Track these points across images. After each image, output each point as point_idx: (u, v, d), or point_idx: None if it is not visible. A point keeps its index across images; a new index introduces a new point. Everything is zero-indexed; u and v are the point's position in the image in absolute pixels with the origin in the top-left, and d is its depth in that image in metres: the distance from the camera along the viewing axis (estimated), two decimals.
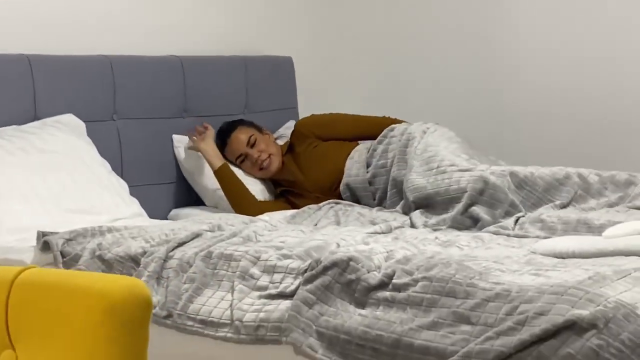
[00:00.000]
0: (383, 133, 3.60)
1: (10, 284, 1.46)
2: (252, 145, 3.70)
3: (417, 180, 3.24)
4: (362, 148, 3.65)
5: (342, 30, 4.69)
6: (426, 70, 4.54)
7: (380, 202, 3.49)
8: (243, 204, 3.55)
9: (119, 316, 1.37)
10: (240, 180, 3.60)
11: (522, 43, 4.28)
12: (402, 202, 3.35)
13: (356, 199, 3.56)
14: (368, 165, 3.55)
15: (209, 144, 3.64)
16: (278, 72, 4.22)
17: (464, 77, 4.44)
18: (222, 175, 3.60)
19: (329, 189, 3.62)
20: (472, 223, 3.04)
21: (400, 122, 3.69)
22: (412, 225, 3.10)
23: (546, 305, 2.04)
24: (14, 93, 3.27)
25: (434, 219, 3.09)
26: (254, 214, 3.31)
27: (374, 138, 3.61)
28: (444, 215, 3.08)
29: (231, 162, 3.72)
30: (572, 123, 4.16)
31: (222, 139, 3.74)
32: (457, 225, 3.04)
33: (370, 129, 3.68)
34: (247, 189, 3.59)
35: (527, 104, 4.28)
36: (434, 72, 4.52)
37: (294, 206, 3.60)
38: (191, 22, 4.01)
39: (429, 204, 3.19)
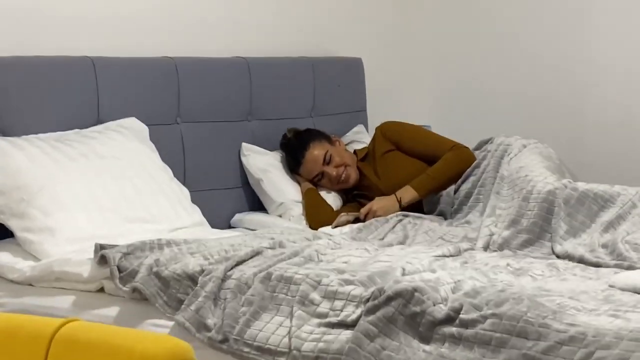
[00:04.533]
0: (478, 144, 3.54)
1: (50, 339, 1.37)
2: (328, 163, 3.60)
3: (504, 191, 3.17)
4: None
5: (413, 31, 4.55)
6: (500, 74, 4.39)
7: (459, 209, 3.38)
8: (320, 214, 3.50)
9: None
10: (323, 199, 3.57)
11: (601, 54, 4.12)
12: (480, 205, 3.26)
13: (434, 205, 3.46)
14: None
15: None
16: (347, 74, 4.10)
17: (540, 84, 4.28)
18: (309, 194, 3.57)
19: None
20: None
21: (468, 149, 3.54)
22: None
23: (625, 352, 1.91)
24: (77, 96, 3.21)
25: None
26: (327, 224, 3.38)
27: (437, 160, 3.52)
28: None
29: (306, 179, 3.66)
30: None
31: (295, 157, 3.65)
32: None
33: (437, 150, 3.56)
34: (327, 205, 3.55)
35: (607, 115, 4.12)
36: (508, 76, 4.36)
37: None
38: (258, 22, 3.91)
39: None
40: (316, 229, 3.32)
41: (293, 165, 3.66)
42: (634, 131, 4.06)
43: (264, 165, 3.62)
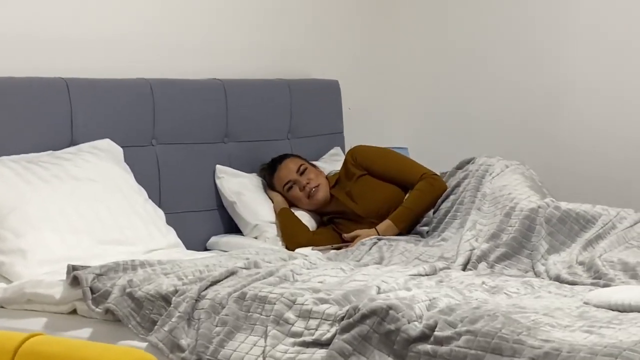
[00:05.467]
0: (460, 164, 3.55)
1: (14, 353, 1.35)
2: (302, 173, 3.61)
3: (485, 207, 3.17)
4: None
5: (390, 53, 4.57)
6: (477, 97, 4.40)
7: (437, 227, 3.38)
8: (296, 234, 3.49)
9: None
10: (298, 218, 3.56)
11: (576, 79, 4.15)
12: (457, 222, 3.27)
13: (413, 224, 3.48)
14: None
15: (278, 195, 3.66)
16: (324, 96, 4.10)
17: (516, 108, 4.30)
18: (283, 213, 3.56)
19: (386, 214, 3.51)
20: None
21: (438, 177, 3.55)
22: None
23: None
24: (50, 118, 3.19)
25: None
26: (304, 245, 3.36)
27: (407, 186, 3.55)
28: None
29: (279, 192, 3.66)
30: (624, 165, 4.02)
31: (272, 167, 3.67)
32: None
33: (407, 177, 3.56)
34: (302, 224, 3.54)
35: (581, 139, 4.14)
36: (485, 99, 4.38)
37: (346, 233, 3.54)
38: (233, 44, 3.91)
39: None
40: (293, 249, 3.30)
41: (268, 175, 3.67)
42: (607, 155, 4.08)
43: (238, 187, 3.60)
